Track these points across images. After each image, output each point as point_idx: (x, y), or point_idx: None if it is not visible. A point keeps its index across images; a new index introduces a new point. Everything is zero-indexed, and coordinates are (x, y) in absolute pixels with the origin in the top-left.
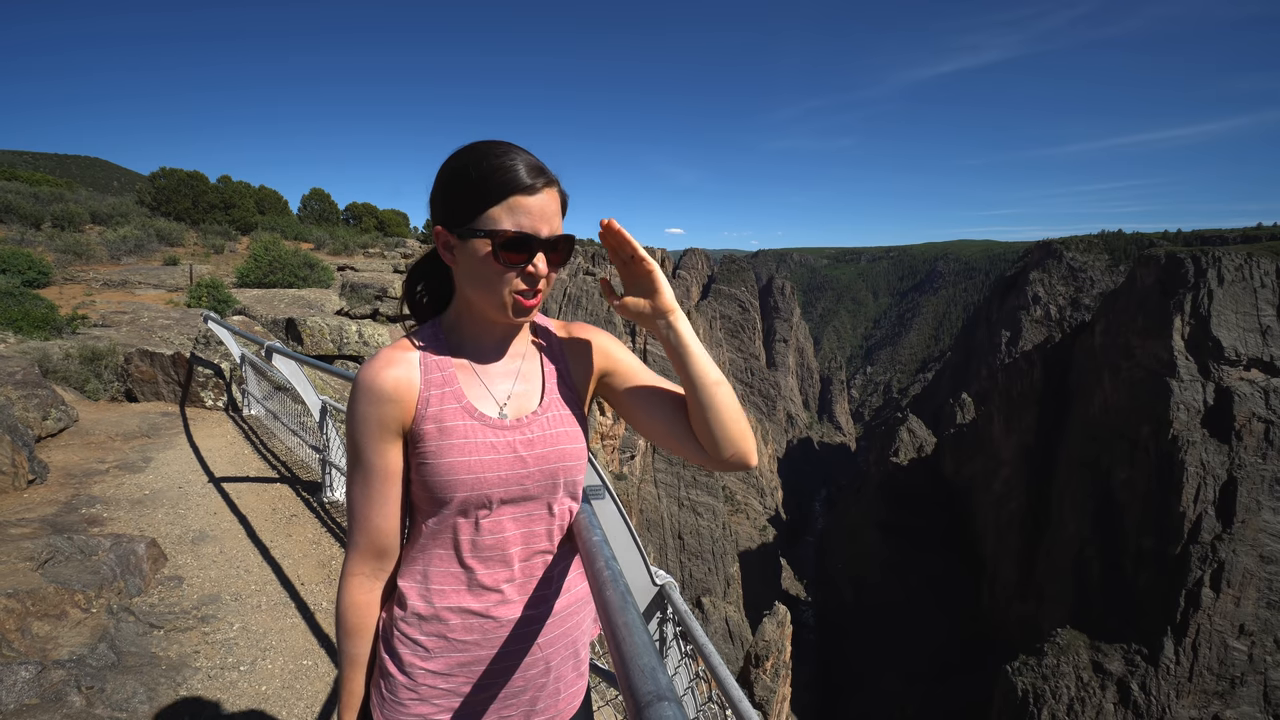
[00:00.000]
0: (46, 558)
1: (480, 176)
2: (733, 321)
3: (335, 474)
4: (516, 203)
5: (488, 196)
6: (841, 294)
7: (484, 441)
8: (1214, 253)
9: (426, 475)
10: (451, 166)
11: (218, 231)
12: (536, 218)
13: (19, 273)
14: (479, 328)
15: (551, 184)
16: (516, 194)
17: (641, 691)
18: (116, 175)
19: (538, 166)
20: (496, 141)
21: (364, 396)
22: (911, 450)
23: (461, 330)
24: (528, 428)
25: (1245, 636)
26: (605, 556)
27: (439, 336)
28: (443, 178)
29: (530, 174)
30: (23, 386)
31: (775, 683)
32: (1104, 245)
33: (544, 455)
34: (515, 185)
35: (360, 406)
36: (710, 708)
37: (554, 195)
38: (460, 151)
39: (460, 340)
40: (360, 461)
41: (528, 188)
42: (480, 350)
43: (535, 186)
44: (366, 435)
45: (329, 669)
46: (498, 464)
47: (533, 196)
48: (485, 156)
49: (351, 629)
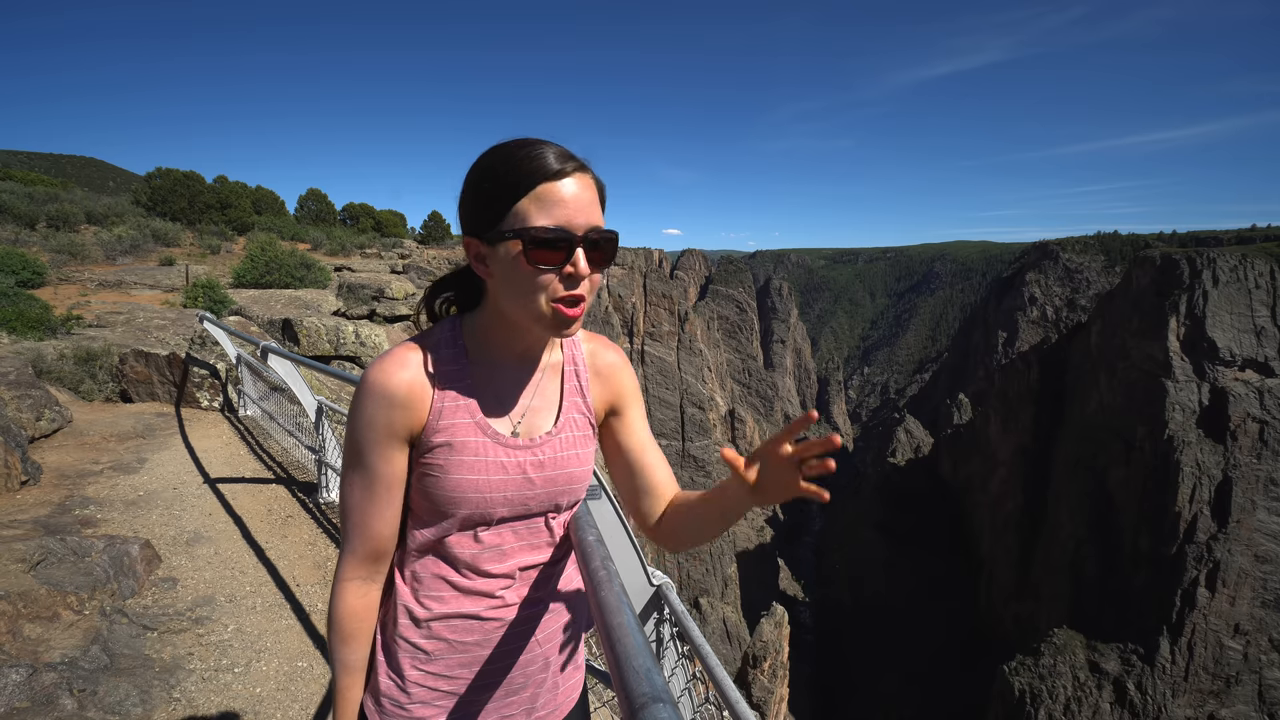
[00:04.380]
0: (39, 559)
1: (504, 171)
2: (730, 322)
3: (331, 475)
4: (545, 191)
5: (514, 190)
6: (839, 295)
7: (494, 460)
8: (1209, 254)
9: (431, 488)
10: (475, 169)
11: (214, 232)
12: (571, 209)
13: (13, 273)
14: (504, 337)
15: (583, 169)
16: (544, 182)
17: (637, 693)
18: (112, 175)
19: (566, 153)
20: (521, 137)
21: (372, 398)
22: (909, 451)
23: (484, 336)
24: (540, 449)
25: (1240, 636)
26: (601, 556)
27: (457, 341)
28: (467, 183)
29: (558, 159)
30: (16, 387)
31: (773, 683)
32: (1100, 246)
33: (552, 478)
34: (542, 172)
35: (367, 408)
36: (707, 709)
37: (588, 182)
38: (484, 153)
39: (480, 346)
40: (362, 465)
41: (555, 173)
42: (500, 360)
43: (564, 171)
44: (372, 439)
45: (324, 671)
46: (505, 484)
47: (562, 182)
48: (507, 150)
49: (347, 635)
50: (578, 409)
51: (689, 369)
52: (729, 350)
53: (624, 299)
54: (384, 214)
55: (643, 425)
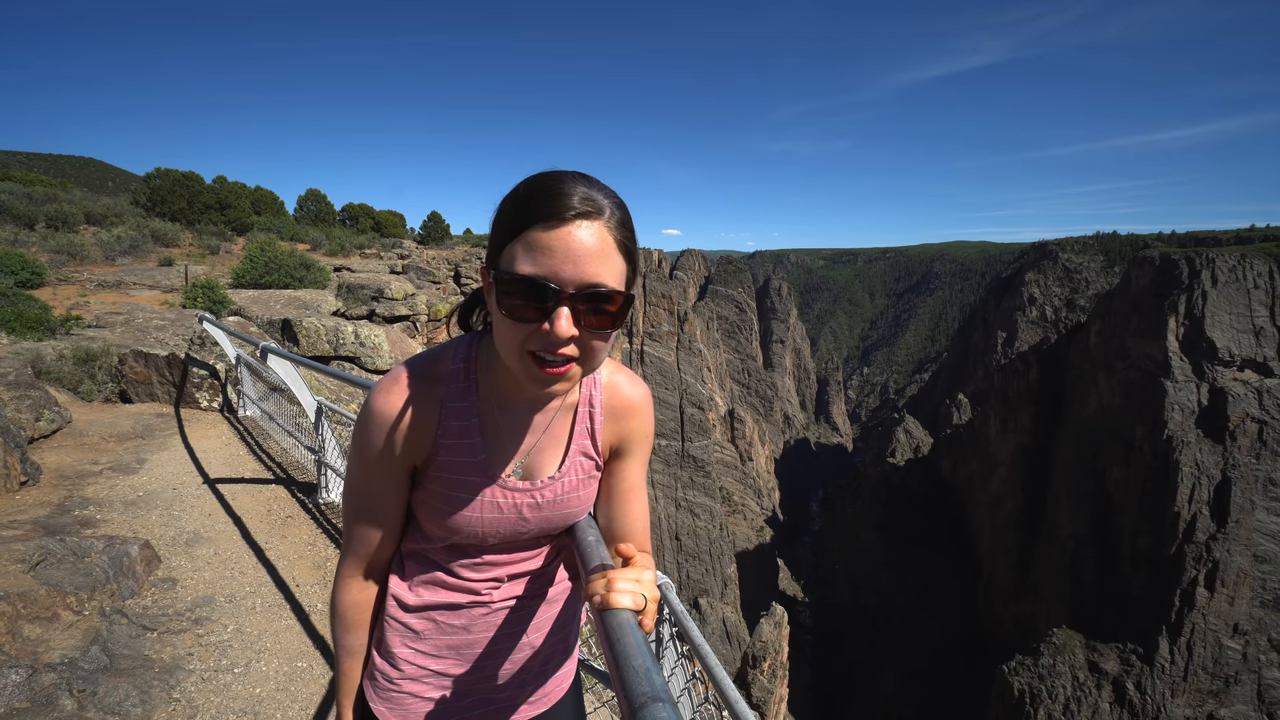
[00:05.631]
0: (38, 560)
1: (512, 205)
2: (730, 322)
3: (331, 475)
4: (536, 237)
5: (511, 229)
6: (838, 295)
7: (490, 500)
8: (1208, 254)
9: (425, 513)
10: (504, 198)
11: (213, 232)
12: (560, 259)
13: (12, 273)
14: (514, 379)
15: (593, 217)
16: (538, 224)
17: (636, 693)
18: (111, 175)
19: (582, 195)
20: (560, 171)
21: (377, 424)
22: (908, 451)
23: (496, 367)
24: (540, 491)
25: (1240, 636)
26: (601, 557)
27: (470, 373)
28: (496, 211)
29: (561, 201)
30: (15, 387)
31: (772, 683)
32: (1099, 246)
33: (548, 517)
34: (540, 215)
35: (372, 433)
36: (707, 709)
37: (597, 232)
38: (520, 181)
39: (492, 381)
40: (364, 483)
41: (554, 218)
42: (510, 397)
43: (563, 217)
44: (375, 462)
45: (324, 671)
46: (499, 522)
47: (559, 229)
48: (531, 183)
49: (350, 624)
50: (584, 451)
51: (688, 369)
52: (728, 350)
53: None
54: (383, 214)
55: (638, 472)
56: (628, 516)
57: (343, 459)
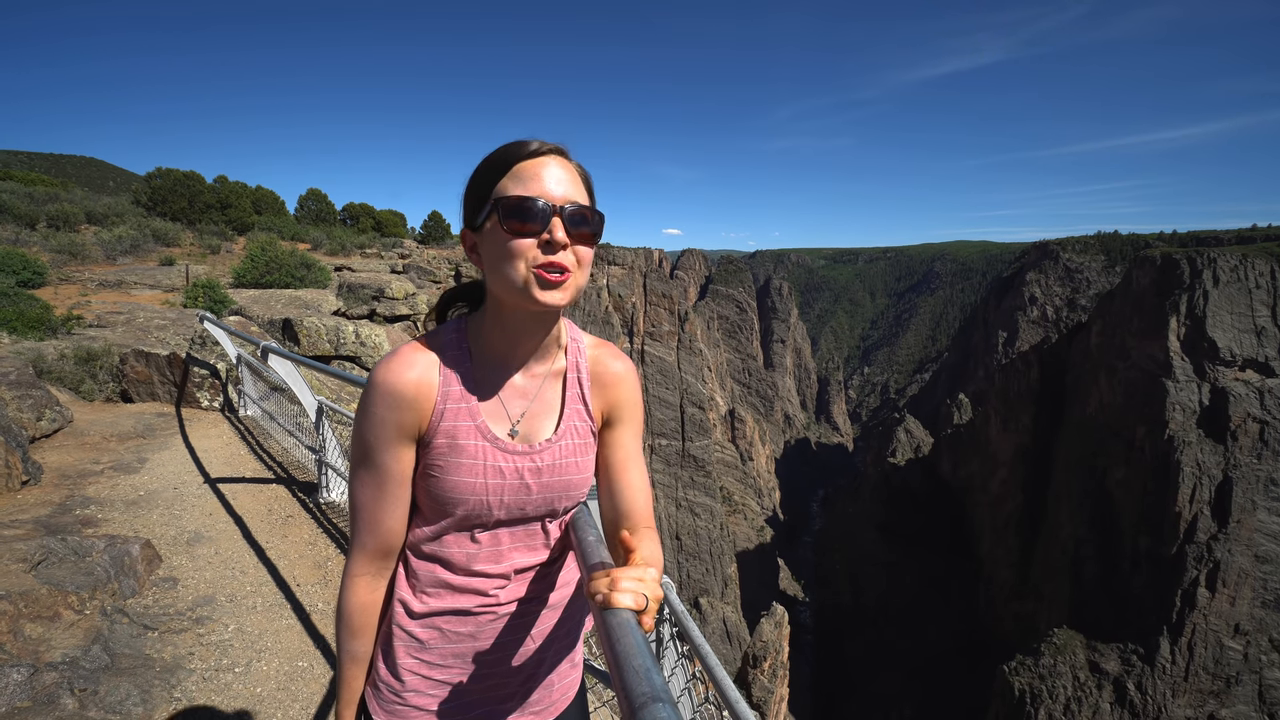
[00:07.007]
0: (40, 559)
1: (488, 163)
2: (730, 322)
3: (332, 475)
4: (521, 168)
5: (495, 174)
6: (839, 295)
7: (492, 465)
8: (1209, 254)
9: (431, 486)
10: (471, 171)
11: (214, 232)
12: (547, 182)
13: (14, 273)
14: (505, 339)
15: (561, 154)
16: (520, 161)
17: (636, 692)
18: (112, 175)
19: (547, 143)
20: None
21: (381, 398)
22: (909, 451)
23: (487, 337)
24: (538, 455)
25: (1240, 636)
26: (601, 556)
27: (462, 342)
28: (465, 187)
29: (533, 145)
30: (17, 387)
31: (773, 683)
32: (1100, 246)
33: (549, 484)
34: (517, 154)
35: (376, 408)
36: (707, 708)
37: (567, 164)
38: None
39: (483, 347)
40: (372, 463)
41: (531, 153)
42: (503, 361)
43: (540, 151)
44: (381, 437)
45: (325, 670)
46: (502, 488)
47: (538, 160)
48: (499, 148)
49: (356, 629)
50: (579, 416)
51: (689, 369)
52: (729, 350)
53: (624, 299)
54: (384, 214)
55: (632, 442)
56: (630, 488)
57: (344, 459)
